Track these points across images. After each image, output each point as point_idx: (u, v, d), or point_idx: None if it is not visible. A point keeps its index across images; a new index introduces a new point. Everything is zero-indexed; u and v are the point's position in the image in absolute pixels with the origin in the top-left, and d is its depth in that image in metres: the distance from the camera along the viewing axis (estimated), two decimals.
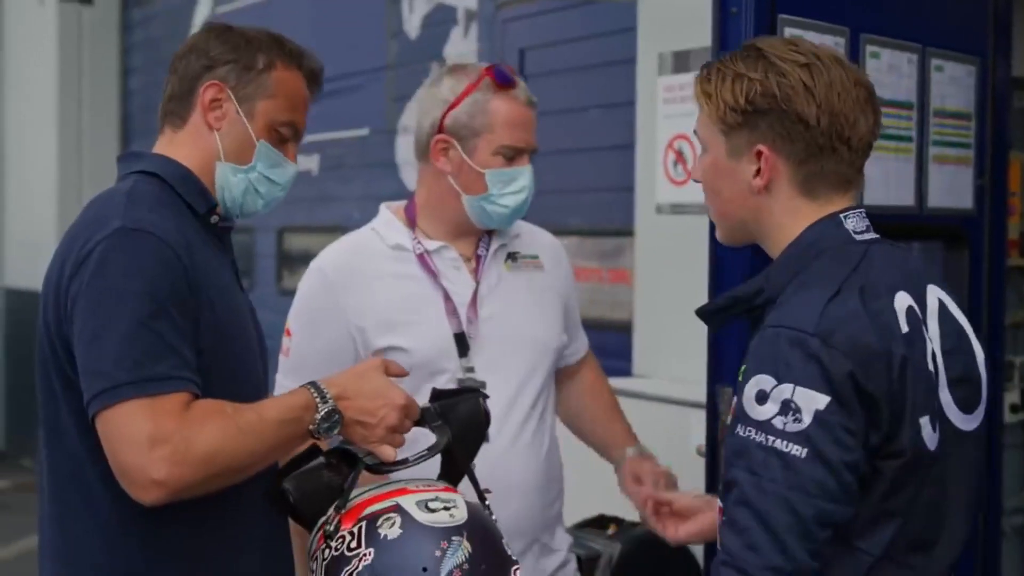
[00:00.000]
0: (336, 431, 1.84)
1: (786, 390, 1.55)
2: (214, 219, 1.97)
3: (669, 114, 3.51)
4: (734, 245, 1.85)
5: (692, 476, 2.50)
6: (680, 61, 3.48)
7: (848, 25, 2.48)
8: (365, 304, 2.38)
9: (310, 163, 6.24)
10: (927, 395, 1.64)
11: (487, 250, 2.48)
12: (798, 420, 1.54)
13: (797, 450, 1.54)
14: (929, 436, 1.63)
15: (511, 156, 2.39)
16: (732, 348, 2.31)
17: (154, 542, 1.82)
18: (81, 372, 1.75)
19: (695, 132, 1.82)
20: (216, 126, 1.96)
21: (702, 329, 2.39)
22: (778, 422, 1.55)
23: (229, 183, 1.97)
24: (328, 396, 1.82)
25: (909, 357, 1.61)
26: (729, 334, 2.28)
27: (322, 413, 1.81)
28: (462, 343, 2.38)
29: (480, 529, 1.77)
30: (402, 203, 2.54)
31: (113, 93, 8.59)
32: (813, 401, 1.54)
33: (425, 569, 1.69)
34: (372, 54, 5.77)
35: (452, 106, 2.39)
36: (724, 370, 2.35)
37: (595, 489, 3.60)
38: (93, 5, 8.51)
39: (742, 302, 1.78)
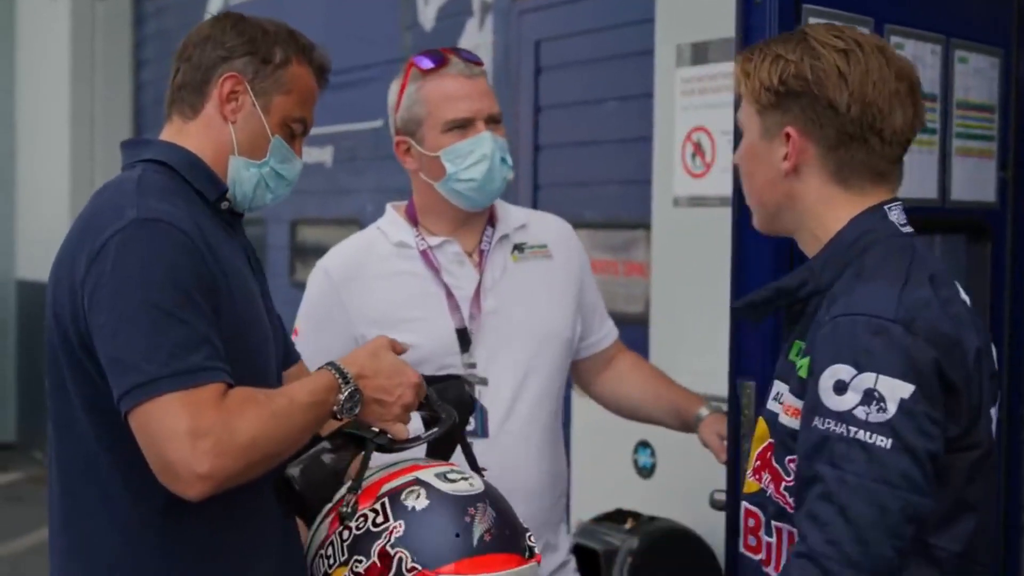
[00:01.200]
0: (356, 411, 1.84)
1: (868, 379, 1.51)
2: (224, 205, 1.95)
3: (687, 106, 3.48)
4: (769, 234, 1.83)
5: (714, 468, 2.47)
6: (698, 53, 3.45)
7: (872, 15, 2.45)
8: (369, 302, 2.40)
9: (323, 155, 6.22)
10: (993, 385, 1.63)
11: (490, 243, 2.48)
12: (882, 410, 1.50)
13: (882, 441, 1.50)
14: (994, 427, 1.63)
15: (461, 129, 2.40)
16: (754, 342, 2.29)
17: (171, 542, 1.80)
18: (107, 367, 1.71)
19: (736, 116, 1.82)
20: (232, 119, 1.94)
21: (720, 322, 2.38)
22: (860, 412, 1.51)
23: (241, 177, 1.95)
24: (349, 376, 1.82)
25: (982, 347, 1.59)
26: (751, 328, 2.26)
27: (345, 394, 1.81)
28: (464, 339, 2.39)
29: (497, 497, 1.82)
30: (404, 202, 2.56)
31: (126, 86, 8.59)
32: (898, 390, 1.50)
33: (458, 535, 1.71)
34: (386, 46, 5.74)
35: (396, 108, 2.46)
36: (746, 364, 2.32)
37: (607, 484, 3.59)
38: None
39: (786, 294, 1.74)
